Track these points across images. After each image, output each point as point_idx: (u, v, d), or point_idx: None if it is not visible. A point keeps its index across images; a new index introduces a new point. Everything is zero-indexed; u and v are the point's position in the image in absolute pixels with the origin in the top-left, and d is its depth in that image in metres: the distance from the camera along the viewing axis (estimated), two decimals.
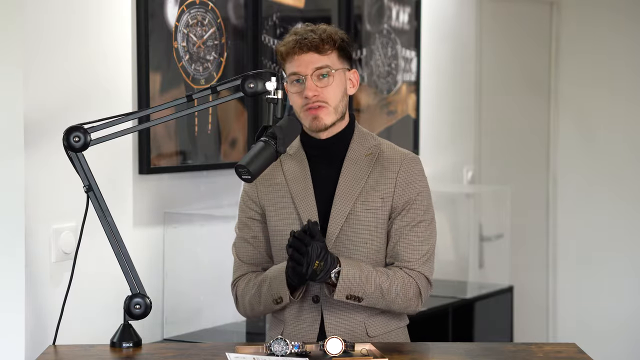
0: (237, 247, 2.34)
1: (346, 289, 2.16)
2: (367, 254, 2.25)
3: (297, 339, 2.16)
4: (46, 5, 2.52)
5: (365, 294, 2.18)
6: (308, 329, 2.25)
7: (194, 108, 2.26)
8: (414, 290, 2.22)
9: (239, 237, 2.34)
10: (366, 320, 2.25)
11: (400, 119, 4.10)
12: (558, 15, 5.26)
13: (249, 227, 2.32)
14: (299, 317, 2.26)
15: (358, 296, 2.18)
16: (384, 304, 2.21)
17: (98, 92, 2.68)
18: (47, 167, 2.51)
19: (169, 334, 3.01)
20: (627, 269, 5.15)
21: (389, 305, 2.22)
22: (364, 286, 2.17)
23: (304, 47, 2.20)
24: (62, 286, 2.44)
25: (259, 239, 2.32)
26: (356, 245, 2.24)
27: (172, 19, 2.95)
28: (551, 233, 5.32)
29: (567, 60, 5.26)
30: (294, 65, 2.22)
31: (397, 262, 2.25)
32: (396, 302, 2.22)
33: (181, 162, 3.03)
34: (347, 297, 2.17)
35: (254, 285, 2.27)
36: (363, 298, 2.18)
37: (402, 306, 2.23)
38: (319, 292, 2.24)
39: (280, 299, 2.21)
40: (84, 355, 2.14)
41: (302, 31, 2.23)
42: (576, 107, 5.26)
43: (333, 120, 2.24)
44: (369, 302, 2.20)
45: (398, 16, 4.05)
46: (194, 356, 2.11)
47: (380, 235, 2.26)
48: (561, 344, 2.24)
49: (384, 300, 2.21)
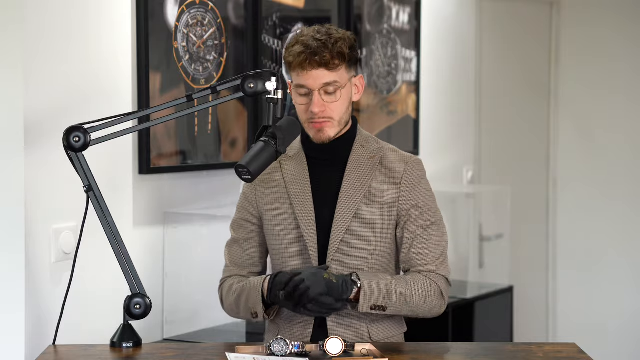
0: (228, 247, 2.35)
1: (370, 299, 2.16)
2: (372, 257, 2.24)
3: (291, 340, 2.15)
4: (46, 6, 2.53)
5: (388, 302, 2.17)
6: (301, 332, 2.25)
7: (194, 108, 2.26)
8: (436, 292, 2.22)
9: (231, 237, 2.35)
10: (369, 326, 2.25)
11: (400, 119, 4.11)
12: (558, 15, 5.26)
13: (242, 228, 2.32)
14: (292, 320, 2.25)
15: (382, 305, 2.17)
16: (409, 309, 2.20)
17: (98, 92, 2.69)
18: (47, 167, 2.52)
19: (169, 334, 3.01)
20: (627, 268, 5.16)
21: (414, 310, 2.21)
22: (386, 295, 2.17)
23: (314, 63, 2.16)
24: (62, 286, 2.45)
25: (249, 241, 2.31)
26: (360, 249, 2.24)
27: (172, 19, 2.96)
28: (551, 233, 5.32)
29: (567, 61, 5.26)
30: (302, 79, 2.19)
31: (413, 267, 2.24)
32: (420, 305, 2.21)
33: (181, 162, 3.03)
34: (372, 307, 2.17)
35: (234, 292, 2.27)
36: (387, 307, 2.17)
37: (426, 309, 2.22)
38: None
39: (257, 314, 2.22)
40: (84, 355, 2.15)
41: (312, 42, 2.17)
42: (576, 108, 5.27)
43: (336, 131, 2.24)
44: (394, 309, 2.19)
45: (398, 16, 4.05)
46: (194, 356, 2.11)
47: (384, 239, 2.25)
48: (561, 344, 2.24)
49: (408, 305, 2.20)
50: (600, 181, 5.22)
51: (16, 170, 2.41)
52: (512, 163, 5.07)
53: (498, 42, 4.88)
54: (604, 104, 5.21)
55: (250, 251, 2.32)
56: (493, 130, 4.87)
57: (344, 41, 2.19)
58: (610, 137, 5.20)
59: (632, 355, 5.11)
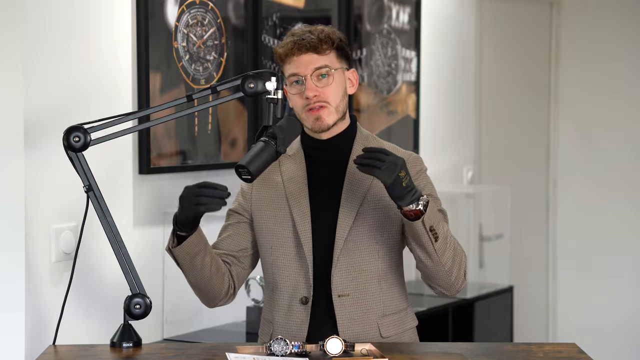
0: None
1: (432, 219, 2.13)
2: (378, 253, 2.25)
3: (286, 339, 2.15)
4: (46, 6, 2.54)
5: (441, 233, 2.15)
6: (297, 331, 2.24)
7: (194, 108, 2.27)
8: (464, 261, 2.21)
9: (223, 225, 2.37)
10: (380, 321, 2.25)
11: (400, 119, 4.11)
12: (558, 15, 5.27)
13: (229, 216, 2.34)
14: (288, 319, 2.26)
15: (437, 232, 2.14)
16: (447, 256, 2.17)
17: (98, 92, 2.70)
18: (47, 167, 2.53)
19: (169, 334, 3.02)
20: (627, 268, 5.17)
21: (449, 261, 2.17)
22: (442, 225, 2.16)
23: (303, 47, 2.20)
24: (62, 286, 2.46)
25: (229, 232, 2.32)
26: (366, 245, 2.24)
27: (172, 19, 2.96)
28: (551, 233, 5.33)
29: (567, 61, 5.27)
30: (293, 67, 2.22)
31: None
32: (455, 261, 2.18)
33: (181, 162, 3.04)
34: (430, 228, 2.13)
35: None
36: (439, 237, 2.14)
37: (455, 267, 2.18)
38: (308, 294, 2.24)
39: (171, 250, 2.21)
40: (84, 355, 2.14)
41: (300, 32, 2.23)
42: (576, 108, 5.28)
43: (335, 119, 2.24)
44: (441, 246, 2.15)
45: (398, 16, 4.06)
46: (194, 356, 2.11)
47: (390, 234, 2.25)
48: (561, 344, 2.24)
49: (448, 252, 2.16)
50: (600, 181, 5.22)
51: (16, 170, 2.42)
52: (512, 163, 5.07)
53: (498, 42, 4.88)
54: (604, 104, 5.21)
55: (227, 240, 2.32)
56: (493, 130, 4.88)
57: (332, 32, 2.24)
58: (610, 137, 5.20)
59: (631, 355, 5.11)
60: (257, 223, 2.31)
